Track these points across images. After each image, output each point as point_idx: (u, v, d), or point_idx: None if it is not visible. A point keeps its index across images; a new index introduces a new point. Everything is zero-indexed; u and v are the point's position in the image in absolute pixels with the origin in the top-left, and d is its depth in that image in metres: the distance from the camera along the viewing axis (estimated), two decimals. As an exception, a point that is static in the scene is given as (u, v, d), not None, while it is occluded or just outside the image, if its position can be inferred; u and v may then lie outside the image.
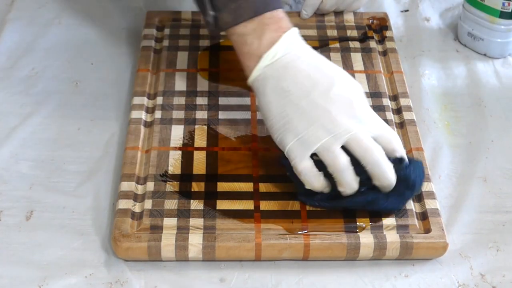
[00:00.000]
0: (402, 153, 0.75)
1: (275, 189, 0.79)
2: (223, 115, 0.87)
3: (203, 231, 0.75)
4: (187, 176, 0.80)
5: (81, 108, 0.91)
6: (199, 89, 0.90)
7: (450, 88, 0.96)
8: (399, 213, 0.77)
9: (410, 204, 0.78)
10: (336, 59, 0.95)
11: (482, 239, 0.78)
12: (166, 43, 0.96)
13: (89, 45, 0.99)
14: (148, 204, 0.77)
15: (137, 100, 0.88)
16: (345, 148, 0.73)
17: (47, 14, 1.04)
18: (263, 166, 0.81)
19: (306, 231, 0.75)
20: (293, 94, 0.75)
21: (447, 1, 1.09)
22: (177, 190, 0.79)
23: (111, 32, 1.01)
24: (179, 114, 0.87)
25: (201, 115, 0.87)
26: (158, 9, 1.02)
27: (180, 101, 0.88)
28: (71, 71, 0.96)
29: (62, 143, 0.86)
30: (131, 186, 0.79)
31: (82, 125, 0.88)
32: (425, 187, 0.79)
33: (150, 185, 0.79)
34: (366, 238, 0.74)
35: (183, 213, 0.76)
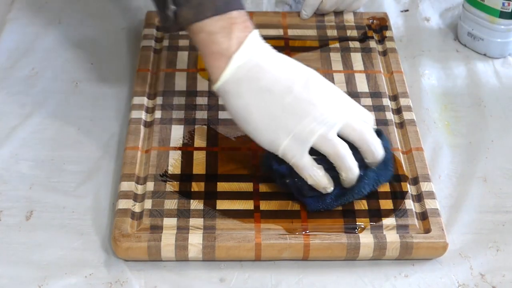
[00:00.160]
0: (375, 126, 0.78)
1: (275, 189, 0.79)
2: (223, 115, 0.87)
3: (203, 231, 0.75)
4: (187, 176, 0.80)
5: (81, 108, 0.91)
6: (199, 89, 0.90)
7: (450, 88, 0.96)
8: (399, 213, 0.77)
9: (410, 204, 0.78)
10: (336, 59, 0.95)
11: (482, 239, 0.78)
12: (166, 43, 0.96)
13: (89, 45, 0.99)
14: (148, 204, 0.77)
15: (137, 100, 0.88)
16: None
17: (47, 14, 1.04)
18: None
19: (306, 231, 0.75)
20: (275, 91, 0.74)
21: (447, 1, 1.09)
22: (177, 190, 0.78)
23: (111, 32, 1.01)
24: (179, 114, 0.87)
25: (201, 115, 0.87)
26: (158, 9, 1.02)
27: (180, 101, 0.88)
28: (71, 71, 0.95)
29: (62, 143, 0.86)
30: (131, 186, 0.79)
31: (82, 125, 0.88)
32: (425, 187, 0.79)
33: (150, 185, 0.79)
34: (366, 238, 0.74)
35: (183, 213, 0.76)
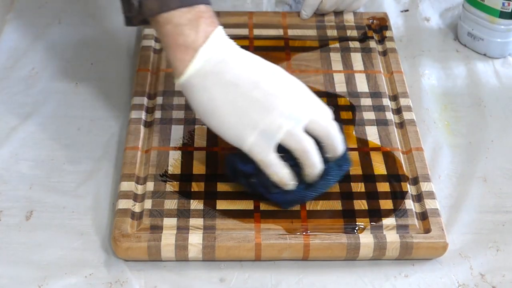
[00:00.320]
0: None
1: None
2: (223, 115, 0.87)
3: (203, 231, 0.75)
4: (187, 176, 0.80)
5: (81, 108, 0.91)
6: (199, 89, 0.90)
7: (450, 88, 0.96)
8: (399, 213, 0.77)
9: (410, 204, 0.78)
10: (336, 59, 0.95)
11: (482, 239, 0.78)
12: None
13: (89, 45, 0.99)
14: (148, 204, 0.77)
15: (137, 100, 0.88)
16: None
17: (47, 14, 1.04)
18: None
19: (306, 231, 0.75)
20: (241, 86, 0.73)
21: (447, 1, 1.09)
22: (177, 190, 0.78)
23: (111, 32, 1.01)
24: (179, 114, 0.87)
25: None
26: (158, 9, 1.02)
27: (180, 101, 0.88)
28: (71, 71, 0.95)
29: (62, 143, 0.86)
30: (131, 186, 0.79)
31: (82, 125, 0.88)
32: (425, 187, 0.79)
33: (150, 185, 0.79)
34: (366, 238, 0.74)
35: (183, 213, 0.76)
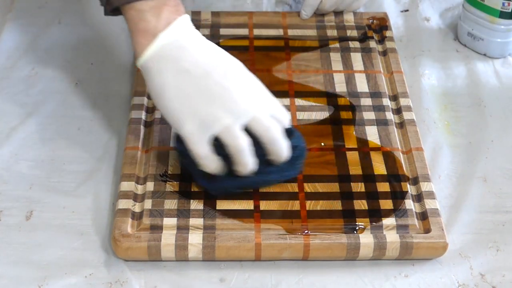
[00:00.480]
0: (290, 125, 0.77)
1: (275, 189, 0.79)
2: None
3: (203, 231, 0.75)
4: (187, 176, 0.80)
5: (81, 108, 0.91)
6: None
7: (450, 88, 0.96)
8: (399, 213, 0.77)
9: (410, 204, 0.78)
10: (336, 59, 0.95)
11: (482, 239, 0.78)
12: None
13: (89, 45, 0.99)
14: (148, 204, 0.77)
15: (137, 100, 0.88)
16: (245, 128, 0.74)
17: (47, 14, 1.04)
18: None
19: (306, 231, 0.75)
20: (193, 74, 0.74)
21: (447, 1, 1.09)
22: (177, 190, 0.78)
23: (111, 32, 1.01)
24: (179, 114, 0.87)
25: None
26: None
27: (180, 101, 0.88)
28: (71, 71, 0.95)
29: (62, 143, 0.86)
30: (131, 186, 0.79)
31: (82, 125, 0.88)
32: (425, 187, 0.79)
33: (150, 185, 0.79)
34: (366, 238, 0.74)
35: (183, 213, 0.76)
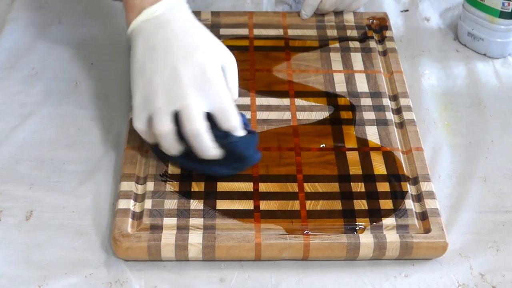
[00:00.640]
0: (233, 127, 0.76)
1: (275, 189, 0.79)
2: (223, 115, 0.87)
3: (203, 231, 0.75)
4: (187, 176, 0.80)
5: (81, 108, 0.90)
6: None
7: (450, 88, 0.96)
8: (399, 213, 0.77)
9: (410, 204, 0.78)
10: (336, 59, 0.95)
11: (482, 239, 0.78)
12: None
13: (89, 45, 0.99)
14: (148, 204, 0.77)
15: (137, 100, 0.88)
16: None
17: (47, 14, 1.04)
18: (263, 166, 0.81)
19: (306, 231, 0.75)
20: (157, 51, 0.76)
21: (447, 1, 1.09)
22: (177, 190, 0.78)
23: (111, 32, 1.01)
24: (179, 114, 0.87)
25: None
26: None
27: (180, 101, 0.88)
28: (71, 71, 0.95)
29: (62, 143, 0.86)
30: (131, 186, 0.79)
31: (82, 125, 0.88)
32: (425, 187, 0.79)
33: (150, 185, 0.79)
34: (366, 238, 0.74)
35: (183, 213, 0.76)
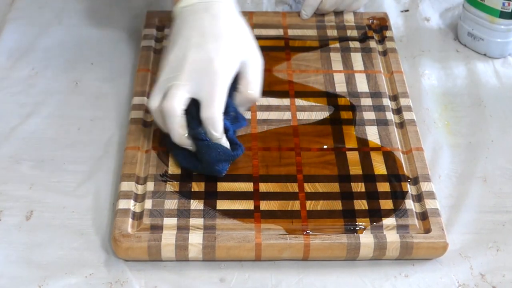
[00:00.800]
0: (211, 120, 0.76)
1: (275, 189, 0.79)
2: (223, 115, 0.87)
3: (203, 231, 0.75)
4: (187, 176, 0.80)
5: (81, 108, 0.91)
6: (199, 89, 0.90)
7: (450, 88, 0.96)
8: (399, 213, 0.77)
9: (410, 204, 0.78)
10: (336, 59, 0.95)
11: (482, 239, 0.78)
12: (166, 43, 0.96)
13: (89, 45, 0.99)
14: (148, 204, 0.77)
15: (137, 100, 0.88)
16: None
17: (47, 14, 1.04)
18: (263, 166, 0.81)
19: (306, 231, 0.75)
20: (181, 34, 0.79)
21: (447, 1, 1.09)
22: (177, 190, 0.78)
23: (111, 32, 1.01)
24: (179, 114, 0.87)
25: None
26: (158, 9, 1.02)
27: (180, 101, 0.88)
28: (71, 71, 0.95)
29: (62, 143, 0.86)
30: (131, 186, 0.79)
31: (82, 125, 0.88)
32: (425, 187, 0.79)
33: (150, 185, 0.79)
34: (366, 238, 0.74)
35: (183, 213, 0.76)
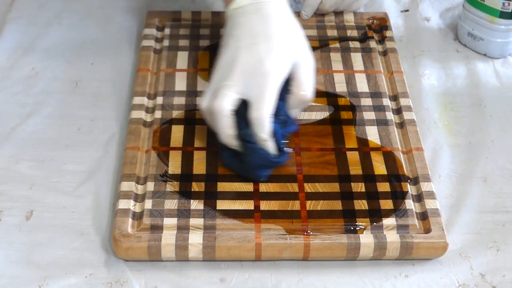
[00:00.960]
0: (259, 121, 0.76)
1: (275, 189, 0.79)
2: (223, 115, 0.87)
3: (203, 231, 0.75)
4: (187, 176, 0.80)
5: (81, 108, 0.91)
6: (199, 89, 0.90)
7: (450, 88, 0.96)
8: (399, 213, 0.77)
9: (410, 204, 0.78)
10: (336, 59, 0.95)
11: (482, 239, 0.78)
12: (166, 43, 0.96)
13: (89, 45, 0.99)
14: (148, 204, 0.77)
15: (137, 100, 0.88)
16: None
17: (47, 14, 1.04)
18: (263, 166, 0.81)
19: (306, 231, 0.75)
20: (233, 35, 0.80)
21: (447, 1, 1.09)
22: (177, 190, 0.78)
23: (111, 32, 1.01)
24: (179, 114, 0.87)
25: (201, 115, 0.87)
26: (158, 9, 1.02)
27: (180, 101, 0.88)
28: (71, 71, 0.95)
29: (62, 143, 0.86)
30: (131, 186, 0.79)
31: (82, 125, 0.88)
32: (425, 187, 0.79)
33: (150, 185, 0.79)
34: (366, 238, 0.74)
35: (183, 213, 0.76)
